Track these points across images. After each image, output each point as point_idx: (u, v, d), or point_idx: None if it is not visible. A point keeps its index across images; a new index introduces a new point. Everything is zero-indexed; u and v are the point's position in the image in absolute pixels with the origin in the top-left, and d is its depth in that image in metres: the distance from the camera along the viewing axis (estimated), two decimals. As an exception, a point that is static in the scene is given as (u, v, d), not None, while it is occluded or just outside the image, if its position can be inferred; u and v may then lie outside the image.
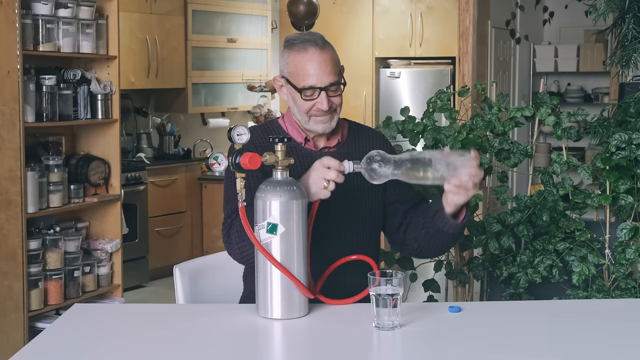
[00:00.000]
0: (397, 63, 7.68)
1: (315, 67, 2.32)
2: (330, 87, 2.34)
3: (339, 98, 2.38)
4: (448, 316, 2.15)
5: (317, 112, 2.36)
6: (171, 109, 7.25)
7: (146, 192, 6.38)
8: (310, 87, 2.33)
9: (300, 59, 2.34)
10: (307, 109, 2.36)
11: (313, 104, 2.34)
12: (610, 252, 2.99)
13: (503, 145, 3.27)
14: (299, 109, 2.38)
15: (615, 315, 2.23)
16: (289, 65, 2.36)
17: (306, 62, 2.33)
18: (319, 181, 2.16)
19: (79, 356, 1.92)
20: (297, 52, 2.35)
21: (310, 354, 1.99)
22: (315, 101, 2.34)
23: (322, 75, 2.32)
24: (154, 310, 2.37)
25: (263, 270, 2.10)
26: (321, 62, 2.32)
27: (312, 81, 2.33)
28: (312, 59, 2.33)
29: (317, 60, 2.32)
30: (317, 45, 2.33)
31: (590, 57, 8.67)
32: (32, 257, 4.35)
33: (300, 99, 2.35)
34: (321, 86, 2.33)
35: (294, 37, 2.39)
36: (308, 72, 2.32)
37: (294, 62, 2.35)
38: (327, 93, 2.33)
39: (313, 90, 2.33)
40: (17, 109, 4.23)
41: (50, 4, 4.43)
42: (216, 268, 2.65)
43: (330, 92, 2.34)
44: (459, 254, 3.42)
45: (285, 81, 2.39)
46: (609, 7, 3.42)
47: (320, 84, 2.33)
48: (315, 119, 2.37)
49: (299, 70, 2.34)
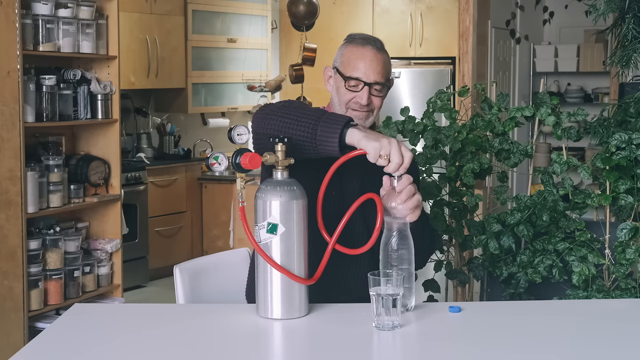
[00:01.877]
0: (397, 63, 7.67)
1: (367, 63, 2.40)
2: (375, 85, 2.40)
3: (380, 100, 2.44)
4: (448, 316, 2.15)
5: (355, 105, 2.41)
6: (171, 109, 7.25)
7: (146, 192, 6.38)
8: (357, 79, 2.40)
9: (356, 51, 2.42)
10: (347, 100, 2.42)
11: (354, 96, 2.41)
12: (610, 252, 2.99)
13: (503, 145, 3.27)
14: (339, 98, 2.44)
15: (615, 315, 2.23)
16: (343, 55, 2.45)
17: (360, 55, 2.41)
18: (385, 149, 2.09)
19: (79, 356, 1.92)
20: (355, 46, 2.44)
21: (310, 354, 1.99)
22: (356, 94, 2.40)
23: (370, 72, 2.40)
24: (154, 310, 2.37)
25: (263, 270, 2.10)
26: (373, 60, 2.41)
27: (359, 73, 2.40)
28: (366, 56, 2.41)
29: (370, 58, 2.41)
30: (375, 46, 2.43)
31: (590, 57, 8.67)
32: (32, 257, 4.35)
33: (344, 88, 2.42)
34: (367, 81, 2.39)
35: (357, 34, 2.48)
36: (358, 65, 2.40)
37: (349, 54, 2.43)
38: (369, 89, 2.39)
39: (357, 83, 2.40)
40: (17, 109, 4.23)
41: (50, 4, 4.43)
42: (216, 268, 2.65)
43: (373, 90, 2.41)
44: (459, 254, 3.42)
45: (335, 71, 2.46)
46: (609, 7, 3.42)
47: (366, 79, 2.39)
48: (351, 112, 2.42)
49: (350, 61, 2.42)
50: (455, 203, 3.32)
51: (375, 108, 2.44)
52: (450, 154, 3.36)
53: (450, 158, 3.35)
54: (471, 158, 3.26)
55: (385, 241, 2.12)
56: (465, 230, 3.30)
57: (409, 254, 2.12)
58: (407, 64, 7.64)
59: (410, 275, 2.13)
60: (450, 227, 3.31)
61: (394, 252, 2.11)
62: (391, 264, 2.10)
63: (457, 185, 3.34)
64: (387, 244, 2.12)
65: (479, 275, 3.25)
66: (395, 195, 2.19)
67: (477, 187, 3.72)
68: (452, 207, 3.32)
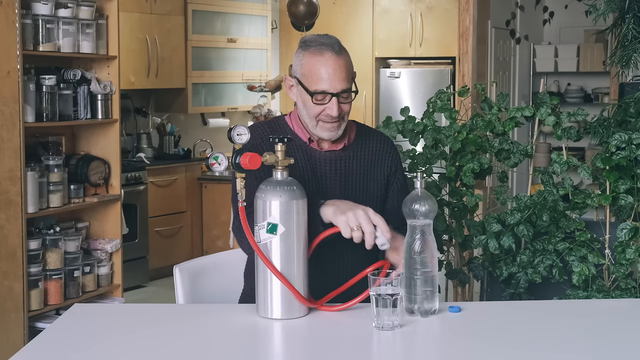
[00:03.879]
0: (397, 63, 7.68)
1: (330, 72, 2.30)
2: (342, 93, 2.32)
3: (349, 105, 2.36)
4: (448, 316, 2.15)
5: (326, 118, 2.34)
6: (171, 109, 7.25)
7: (146, 192, 6.38)
8: (322, 92, 2.31)
9: (315, 61, 2.31)
10: (317, 114, 2.34)
11: (323, 108, 2.33)
12: (610, 252, 2.99)
13: (503, 145, 3.27)
14: (308, 112, 2.36)
15: (615, 315, 2.23)
16: (302, 66, 2.34)
17: (321, 66, 2.31)
18: (353, 221, 2.14)
19: (79, 356, 1.92)
20: (313, 54, 2.32)
21: (310, 354, 1.99)
22: (325, 106, 2.32)
23: (336, 81, 2.30)
24: (154, 310, 2.37)
25: (263, 270, 2.10)
26: (336, 68, 2.30)
27: (324, 86, 2.30)
28: (327, 64, 2.30)
29: (332, 66, 2.30)
30: (333, 50, 2.31)
31: (590, 57, 8.67)
32: (32, 257, 4.35)
33: (311, 103, 2.33)
34: (333, 92, 2.31)
35: (311, 38, 2.37)
36: (322, 77, 2.30)
37: (309, 64, 2.32)
38: (338, 99, 2.32)
39: (324, 95, 2.31)
40: (17, 109, 4.23)
41: (50, 4, 4.43)
42: (216, 268, 2.65)
43: (341, 99, 2.33)
44: (459, 254, 3.42)
45: (296, 82, 2.37)
46: (609, 7, 3.42)
47: (333, 90, 2.31)
48: (323, 125, 2.35)
49: (312, 74, 2.31)
50: (455, 203, 3.32)
51: (345, 114, 2.36)
52: (450, 154, 3.36)
53: (450, 158, 3.35)
54: (471, 158, 3.26)
55: (409, 245, 2.12)
56: (465, 230, 3.30)
57: (432, 257, 2.12)
58: (407, 64, 7.64)
59: (433, 278, 2.12)
60: (450, 227, 3.31)
61: (417, 255, 2.11)
62: (414, 267, 2.10)
63: (457, 185, 3.34)
64: (410, 248, 2.12)
65: (479, 275, 3.25)
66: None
67: (477, 187, 3.72)
68: (452, 207, 3.32)
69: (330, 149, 2.43)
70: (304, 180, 2.31)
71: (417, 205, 2.12)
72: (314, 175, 2.39)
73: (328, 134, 2.37)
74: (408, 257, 2.11)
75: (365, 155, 2.46)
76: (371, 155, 2.47)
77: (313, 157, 2.40)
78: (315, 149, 2.42)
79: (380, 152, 2.49)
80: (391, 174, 2.50)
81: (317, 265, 2.26)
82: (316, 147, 2.42)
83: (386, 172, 2.49)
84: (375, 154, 2.48)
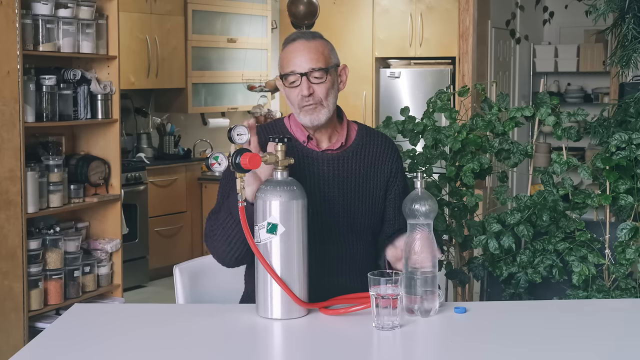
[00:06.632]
0: (397, 63, 7.67)
1: (298, 55, 2.34)
2: (312, 72, 2.33)
3: (324, 88, 2.35)
4: (448, 316, 2.15)
5: (302, 102, 2.35)
6: (171, 109, 7.25)
7: (146, 192, 6.38)
8: (292, 72, 2.34)
9: (288, 51, 2.38)
10: (295, 100, 2.36)
11: (298, 91, 2.35)
12: (610, 252, 2.99)
13: (503, 145, 3.27)
14: (291, 102, 2.39)
15: (615, 315, 2.23)
16: (280, 60, 2.40)
17: (291, 51, 2.36)
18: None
19: (79, 356, 1.92)
20: (287, 46, 2.39)
21: (310, 354, 1.99)
22: (298, 88, 2.35)
23: (303, 62, 2.33)
24: (154, 310, 2.37)
25: (263, 270, 2.10)
26: (303, 50, 2.34)
27: (292, 67, 2.34)
28: (296, 49, 2.36)
29: (300, 49, 2.35)
30: (304, 38, 2.37)
31: (590, 57, 8.67)
32: (32, 257, 4.35)
33: (288, 89, 2.37)
34: (301, 71, 2.33)
35: (291, 35, 2.42)
36: (291, 60, 2.35)
37: (283, 55, 2.39)
38: (308, 78, 2.33)
39: (295, 77, 2.34)
40: (17, 109, 4.23)
41: (50, 4, 4.43)
42: (216, 268, 2.64)
43: (312, 79, 2.34)
44: (459, 254, 3.42)
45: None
46: (609, 7, 3.42)
47: (301, 70, 2.33)
48: (303, 110, 2.36)
49: (284, 61, 2.37)
50: (455, 203, 3.32)
51: (322, 98, 2.35)
52: (450, 154, 3.36)
53: (450, 158, 3.35)
54: (471, 158, 3.26)
55: (409, 245, 2.12)
56: (465, 230, 3.30)
57: (433, 257, 2.12)
58: (407, 64, 7.63)
59: (433, 278, 2.12)
60: (450, 227, 3.31)
61: (417, 255, 2.10)
62: (414, 267, 2.10)
63: (457, 185, 3.34)
64: (410, 248, 2.11)
65: (479, 275, 3.25)
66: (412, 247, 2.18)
67: (477, 187, 3.72)
68: (452, 207, 3.32)
69: (327, 148, 2.43)
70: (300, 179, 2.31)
71: (418, 205, 2.12)
72: (310, 174, 2.39)
73: (309, 117, 2.37)
74: (408, 257, 2.11)
75: (366, 157, 2.46)
76: (372, 156, 2.47)
77: (310, 158, 2.40)
78: (312, 149, 2.42)
79: (382, 153, 2.49)
80: (392, 176, 2.49)
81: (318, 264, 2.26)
82: (314, 147, 2.43)
83: (386, 174, 2.48)
84: (376, 155, 2.48)
